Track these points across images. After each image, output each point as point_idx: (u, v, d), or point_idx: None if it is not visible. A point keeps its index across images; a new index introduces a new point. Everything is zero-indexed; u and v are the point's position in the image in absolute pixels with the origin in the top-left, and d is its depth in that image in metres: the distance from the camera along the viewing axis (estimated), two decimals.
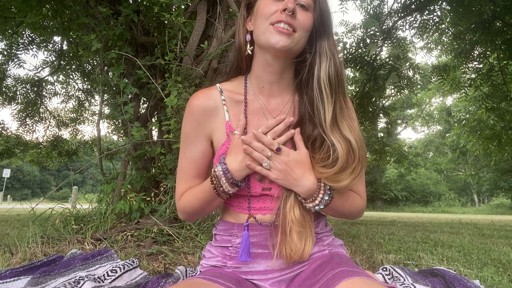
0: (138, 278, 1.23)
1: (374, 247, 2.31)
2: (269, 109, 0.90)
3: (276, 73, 0.88)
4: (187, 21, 2.64)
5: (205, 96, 0.90)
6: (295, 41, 0.81)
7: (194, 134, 0.90)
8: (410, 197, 26.59)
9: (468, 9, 3.93)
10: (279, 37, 0.80)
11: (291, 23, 0.79)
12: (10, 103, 5.74)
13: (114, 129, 3.53)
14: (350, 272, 0.74)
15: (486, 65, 5.19)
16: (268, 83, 0.90)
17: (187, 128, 0.91)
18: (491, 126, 6.26)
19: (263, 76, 0.89)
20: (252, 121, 0.88)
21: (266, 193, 0.86)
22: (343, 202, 0.86)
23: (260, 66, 0.89)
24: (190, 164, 0.91)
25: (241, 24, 0.92)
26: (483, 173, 21.90)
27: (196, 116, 0.89)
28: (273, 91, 0.91)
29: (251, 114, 0.89)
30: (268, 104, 0.90)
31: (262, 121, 0.88)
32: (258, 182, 0.86)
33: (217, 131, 0.89)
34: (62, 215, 2.37)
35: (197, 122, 0.89)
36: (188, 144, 0.91)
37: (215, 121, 0.89)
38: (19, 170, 32.32)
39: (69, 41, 5.01)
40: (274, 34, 0.80)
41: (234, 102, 0.90)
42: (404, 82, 5.65)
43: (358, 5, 5.46)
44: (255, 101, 0.90)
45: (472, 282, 1.09)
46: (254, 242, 0.88)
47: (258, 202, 0.87)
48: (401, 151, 8.33)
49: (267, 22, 0.81)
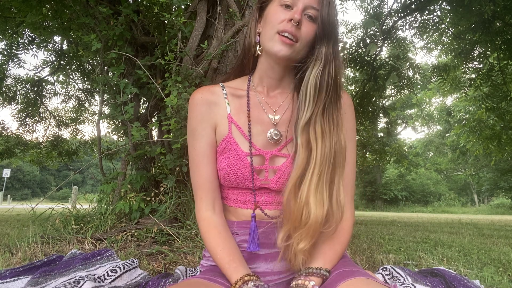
0: (138, 278, 1.23)
1: (374, 247, 2.31)
2: (269, 104, 0.93)
3: (277, 76, 0.93)
4: (187, 21, 2.64)
5: (208, 90, 0.93)
6: (296, 51, 0.84)
7: (201, 126, 0.90)
8: (410, 197, 26.57)
9: (468, 9, 3.93)
10: (282, 47, 0.83)
11: (295, 34, 0.82)
12: (10, 103, 5.73)
13: (114, 129, 3.53)
14: (352, 272, 0.74)
15: (486, 65, 5.19)
16: (269, 84, 0.94)
17: (193, 121, 0.91)
18: (491, 126, 6.26)
19: (265, 78, 0.94)
20: (253, 114, 0.91)
21: (265, 186, 0.87)
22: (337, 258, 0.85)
23: (263, 68, 0.93)
24: (203, 158, 0.89)
25: (253, 25, 0.95)
26: (483, 173, 21.90)
27: (200, 108, 0.91)
28: (273, 90, 0.95)
29: (252, 108, 0.92)
30: (268, 99, 0.94)
31: (263, 115, 0.91)
32: (257, 176, 0.87)
33: (220, 124, 0.91)
34: (62, 215, 2.37)
35: (202, 114, 0.90)
36: (197, 137, 0.90)
37: (218, 113, 0.91)
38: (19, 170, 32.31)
39: (69, 41, 5.01)
40: (278, 43, 0.83)
41: (235, 96, 0.93)
42: (404, 82, 5.65)
43: (358, 5, 5.47)
44: (256, 97, 0.93)
45: (472, 282, 1.09)
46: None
47: (257, 195, 0.88)
48: (401, 151, 8.33)
49: (273, 30, 0.84)
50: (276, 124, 0.90)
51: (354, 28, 6.16)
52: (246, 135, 0.88)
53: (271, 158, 0.87)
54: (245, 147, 0.87)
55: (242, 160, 0.86)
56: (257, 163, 0.87)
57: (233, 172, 0.86)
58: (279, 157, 0.88)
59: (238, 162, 0.86)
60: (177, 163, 2.27)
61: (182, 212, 2.25)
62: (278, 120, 0.91)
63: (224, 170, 0.87)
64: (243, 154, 0.86)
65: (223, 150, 0.88)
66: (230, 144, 0.87)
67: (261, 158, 0.87)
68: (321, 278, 0.78)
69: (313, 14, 0.84)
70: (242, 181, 0.86)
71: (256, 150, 0.87)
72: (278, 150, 0.88)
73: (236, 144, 0.87)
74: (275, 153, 0.88)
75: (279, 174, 0.86)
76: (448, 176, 30.03)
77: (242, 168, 0.86)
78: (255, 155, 0.87)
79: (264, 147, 0.88)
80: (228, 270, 0.78)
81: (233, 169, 0.86)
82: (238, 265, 0.79)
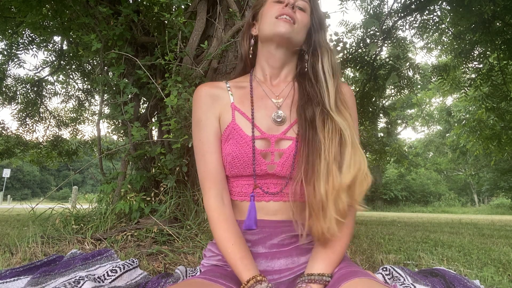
0: (138, 278, 1.23)
1: (374, 247, 2.31)
2: (272, 90, 0.97)
3: (277, 64, 0.97)
4: (187, 21, 2.64)
5: (211, 85, 0.98)
6: (296, 31, 0.91)
7: (205, 116, 0.92)
8: (410, 197, 26.56)
9: (468, 9, 3.93)
10: (283, 25, 0.90)
11: (292, 16, 0.91)
12: (10, 103, 5.73)
13: (114, 129, 3.53)
14: (352, 272, 0.74)
15: (486, 65, 5.18)
16: (271, 73, 0.99)
17: (197, 113, 0.93)
18: (491, 126, 6.26)
19: (266, 67, 0.98)
20: (256, 100, 0.94)
21: (269, 173, 0.87)
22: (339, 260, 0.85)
23: (264, 58, 0.98)
24: (209, 148, 0.90)
25: (245, 30, 1.03)
26: (483, 173, 21.89)
27: (204, 99, 0.94)
28: (275, 78, 0.99)
29: (255, 95, 0.95)
30: (271, 87, 0.98)
31: (266, 100, 0.94)
32: (263, 159, 0.87)
33: (223, 113, 0.93)
34: (62, 215, 2.37)
35: (206, 105, 0.93)
36: (202, 127, 0.92)
37: (222, 104, 0.94)
38: (19, 170, 32.31)
39: (69, 41, 5.00)
40: (278, 23, 0.90)
41: (238, 87, 0.98)
42: (404, 82, 5.64)
43: (358, 5, 5.47)
44: (258, 87, 0.97)
45: (472, 282, 1.09)
46: (257, 240, 0.88)
47: (262, 186, 0.88)
48: (401, 151, 8.33)
49: (272, 17, 0.92)
50: (280, 107, 0.93)
51: (354, 28, 6.15)
52: (250, 119, 0.90)
53: (276, 141, 0.88)
54: (249, 131, 0.89)
55: (248, 144, 0.87)
56: (263, 147, 0.87)
57: (238, 156, 0.86)
58: (284, 140, 0.88)
59: (244, 146, 0.86)
60: (177, 163, 2.27)
61: (182, 212, 2.25)
62: (281, 103, 0.94)
63: (230, 156, 0.87)
64: (247, 138, 0.87)
65: (228, 136, 0.90)
66: (234, 130, 0.89)
67: (266, 141, 0.88)
68: (323, 284, 0.78)
69: (302, 5, 0.94)
70: (248, 165, 0.86)
71: (261, 134, 0.88)
72: (283, 133, 0.89)
73: (240, 129, 0.89)
74: (281, 136, 0.89)
75: (285, 157, 0.86)
76: (448, 176, 30.02)
77: (248, 151, 0.86)
78: (260, 138, 0.88)
79: (268, 130, 0.89)
80: (240, 266, 0.78)
81: (238, 153, 0.86)
82: (250, 263, 0.78)
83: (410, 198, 26.52)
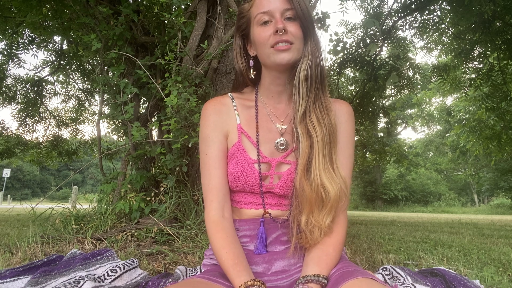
0: (138, 278, 1.23)
1: (374, 247, 2.31)
2: (276, 115, 0.97)
3: (283, 83, 0.96)
4: (187, 21, 2.64)
5: (219, 102, 0.98)
6: (295, 51, 0.89)
7: (213, 133, 0.94)
8: (410, 197, 26.55)
9: (468, 9, 3.93)
10: (282, 55, 0.88)
11: (287, 39, 0.87)
12: (10, 103, 5.73)
13: (114, 129, 3.53)
14: (352, 272, 0.74)
15: (486, 65, 5.18)
16: (276, 93, 0.98)
17: (205, 129, 0.95)
18: (491, 126, 6.25)
19: (272, 88, 0.98)
20: (261, 124, 0.96)
21: (269, 191, 0.93)
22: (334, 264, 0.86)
23: (269, 81, 0.97)
24: (214, 163, 0.93)
25: (238, 53, 1.00)
26: (483, 173, 21.89)
27: (212, 117, 0.96)
28: (280, 99, 0.99)
29: (260, 118, 0.97)
30: (276, 110, 0.98)
31: (271, 124, 0.96)
32: (263, 182, 0.92)
33: (230, 132, 0.95)
34: (62, 215, 2.37)
35: (214, 123, 0.95)
36: (209, 143, 0.94)
37: (229, 123, 0.96)
38: (19, 170, 32.31)
39: (69, 41, 5.00)
40: (277, 54, 0.88)
41: (244, 107, 0.98)
42: (404, 82, 5.65)
43: (358, 5, 5.46)
44: (263, 108, 0.98)
45: (472, 282, 1.09)
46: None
47: (262, 198, 0.94)
48: (401, 151, 8.33)
49: (267, 47, 0.89)
50: (283, 134, 0.95)
51: (354, 28, 6.14)
52: (255, 143, 0.93)
53: (277, 165, 0.92)
54: (253, 154, 0.92)
55: (250, 167, 0.91)
56: (264, 170, 0.92)
57: (240, 177, 0.91)
58: (284, 164, 0.93)
59: (246, 168, 0.90)
60: (177, 163, 2.27)
61: (182, 212, 2.25)
62: (285, 130, 0.96)
63: (232, 176, 0.92)
64: (250, 161, 0.91)
65: (232, 156, 0.93)
66: (238, 151, 0.92)
67: (267, 165, 0.92)
68: (320, 285, 0.78)
69: (291, 14, 0.89)
70: (248, 186, 0.91)
71: (263, 158, 0.92)
72: (283, 157, 0.93)
73: (244, 151, 0.92)
74: (281, 160, 0.93)
75: (284, 180, 0.91)
76: (448, 176, 30.02)
77: (249, 174, 0.90)
78: (262, 162, 0.92)
79: (270, 155, 0.93)
80: (232, 273, 0.79)
81: (240, 175, 0.91)
82: (242, 270, 0.80)
83: (410, 198, 26.51)
